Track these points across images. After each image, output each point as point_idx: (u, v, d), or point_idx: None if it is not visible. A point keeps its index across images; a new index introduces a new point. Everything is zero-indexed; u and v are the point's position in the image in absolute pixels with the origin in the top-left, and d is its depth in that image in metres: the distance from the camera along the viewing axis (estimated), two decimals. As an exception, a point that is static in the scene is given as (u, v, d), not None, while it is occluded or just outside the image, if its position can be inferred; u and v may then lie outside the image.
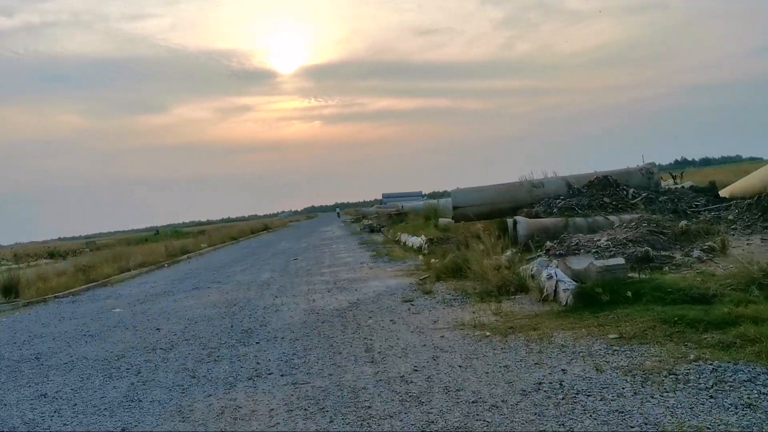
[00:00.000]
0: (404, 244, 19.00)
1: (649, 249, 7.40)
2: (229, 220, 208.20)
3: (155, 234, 67.62)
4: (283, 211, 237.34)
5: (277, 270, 15.59)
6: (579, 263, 7.12)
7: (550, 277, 7.00)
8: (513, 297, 7.71)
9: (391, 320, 7.27)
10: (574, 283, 6.63)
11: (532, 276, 8.16)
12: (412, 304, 8.15)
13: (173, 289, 13.44)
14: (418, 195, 60.05)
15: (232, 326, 8.05)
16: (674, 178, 22.01)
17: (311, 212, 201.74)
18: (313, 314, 8.33)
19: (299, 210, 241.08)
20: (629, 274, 6.71)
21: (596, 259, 7.37)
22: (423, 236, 17.40)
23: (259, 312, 8.98)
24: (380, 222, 33.63)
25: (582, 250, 8.02)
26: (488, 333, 5.97)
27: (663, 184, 22.57)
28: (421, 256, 14.57)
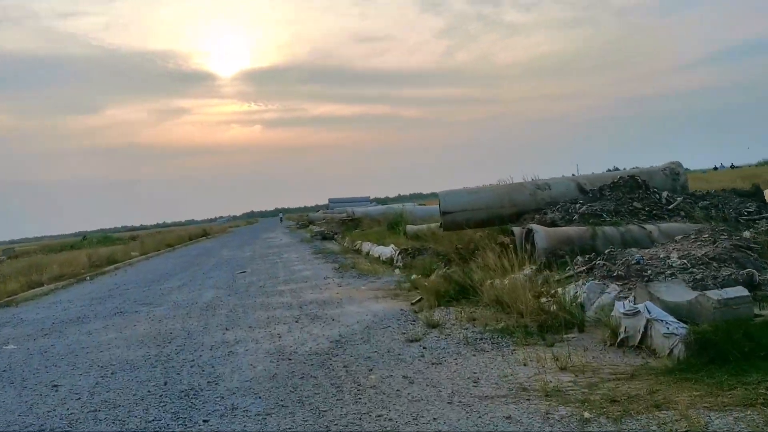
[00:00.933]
0: (369, 254, 16.70)
1: (754, 272, 5.40)
2: (164, 225, 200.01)
3: (83, 240, 62.59)
4: (222, 216, 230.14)
5: (222, 286, 12.98)
6: (673, 292, 5.03)
7: (634, 313, 4.88)
8: (564, 337, 5.55)
9: (404, 377, 4.97)
10: (681, 324, 4.52)
11: (581, 305, 6.05)
12: (424, 347, 5.86)
13: (90, 314, 10.65)
14: (366, 200, 57.81)
15: (165, 383, 5.53)
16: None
17: (251, 217, 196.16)
18: (283, 361, 5.92)
19: (238, 215, 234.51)
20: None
21: (688, 284, 5.31)
22: (392, 246, 15.17)
23: (204, 356, 6.48)
24: (332, 228, 31.18)
25: (649, 271, 5.95)
26: (586, 413, 3.75)
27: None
28: (397, 271, 12.31)
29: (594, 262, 6.96)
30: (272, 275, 14.25)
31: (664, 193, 9.01)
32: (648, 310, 4.74)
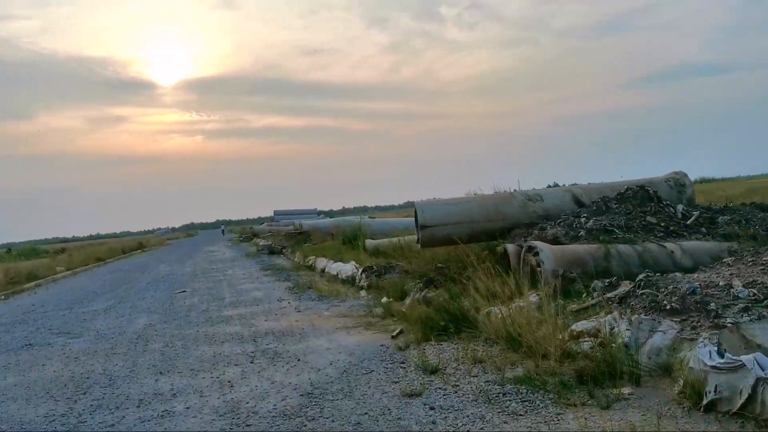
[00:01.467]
0: (325, 271, 15.12)
1: None
2: (98, 236, 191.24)
3: (7, 252, 58.10)
4: (160, 228, 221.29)
5: (158, 310, 11.14)
6: (777, 337, 3.75)
7: (733, 368, 3.56)
8: (618, 393, 4.20)
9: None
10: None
11: (625, 346, 4.73)
12: (431, 407, 4.38)
13: (-9, 347, 8.66)
14: (313, 212, 55.94)
15: (68, 471, 3.86)
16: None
17: (191, 229, 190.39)
18: (238, 429, 4.33)
19: (177, 227, 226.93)
20: None
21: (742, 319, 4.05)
22: (353, 263, 13.65)
23: (129, 418, 4.79)
24: (279, 242, 29.35)
25: (713, 304, 4.70)
26: None
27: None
28: (363, 292, 10.82)
29: (623, 288, 5.68)
30: (217, 296, 12.47)
31: (680, 207, 7.90)
32: (759, 365, 3.43)
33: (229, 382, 5.58)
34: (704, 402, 3.72)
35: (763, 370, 3.41)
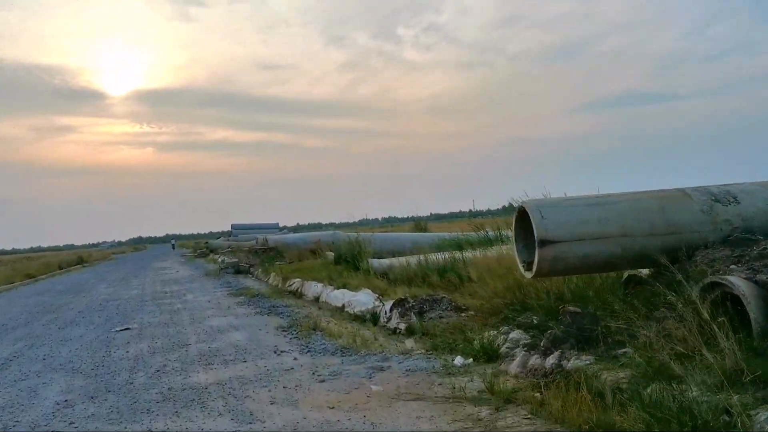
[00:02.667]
0: (321, 301, 11.32)
1: None
2: (39, 249, 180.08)
3: (-72, 265, 51.46)
4: (105, 242, 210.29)
5: (83, 367, 7.11)
6: None
7: None
8: None
9: None
10: None
11: None
12: None
13: None
14: (275, 227, 51.63)
15: None
16: None
17: (139, 243, 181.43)
18: None
19: (124, 240, 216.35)
20: None
21: None
22: (366, 290, 9.90)
23: None
24: (244, 259, 25.19)
25: None
26: None
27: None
28: (409, 342, 7.08)
29: None
30: (176, 339, 8.49)
31: None
32: None
33: None
34: None
35: None
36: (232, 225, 51.33)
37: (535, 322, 6.18)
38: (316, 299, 11.76)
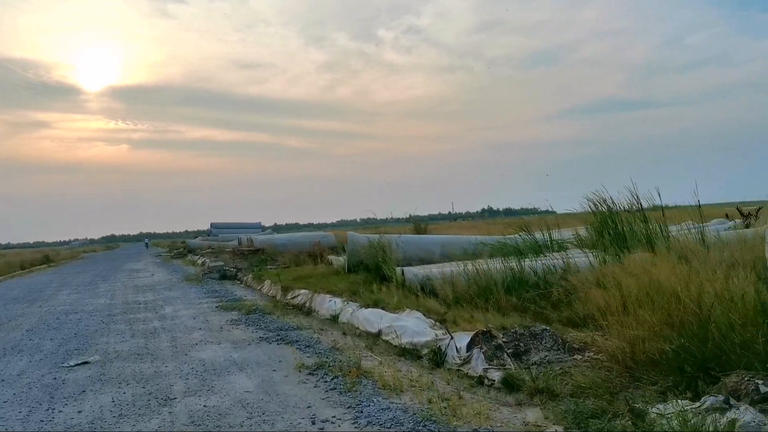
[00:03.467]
0: (340, 322, 8.74)
1: None
2: (8, 246, 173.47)
3: None
4: (77, 239, 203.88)
5: (7, 440, 4.44)
6: None
7: None
8: None
9: None
10: None
11: None
12: None
13: None
14: (257, 226, 48.73)
15: None
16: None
17: (112, 242, 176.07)
18: None
19: (96, 239, 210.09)
20: None
21: None
22: (418, 314, 7.33)
23: None
24: (229, 262, 22.39)
25: None
26: None
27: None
28: (535, 414, 4.51)
29: None
30: (155, 387, 5.82)
31: None
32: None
33: None
34: None
35: None
36: (211, 224, 48.31)
37: (762, 389, 3.70)
38: (334, 319, 9.16)
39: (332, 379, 5.63)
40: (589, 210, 8.91)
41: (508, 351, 5.43)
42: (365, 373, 5.73)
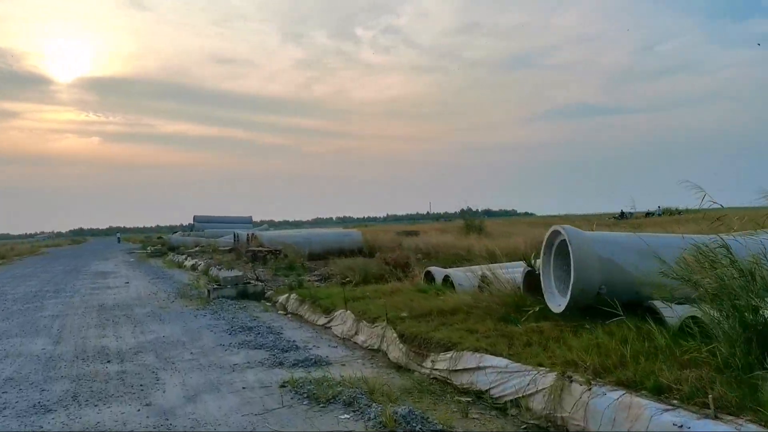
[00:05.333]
0: None
1: None
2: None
3: None
4: (43, 232, 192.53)
5: None
6: None
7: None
8: None
9: None
10: None
11: None
12: None
13: None
14: (247, 221, 41.89)
15: None
16: None
17: (80, 235, 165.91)
18: None
19: (64, 232, 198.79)
20: None
21: None
22: None
23: None
24: (234, 265, 15.73)
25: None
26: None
27: None
28: None
29: None
30: None
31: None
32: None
33: None
34: None
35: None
36: (194, 217, 41.25)
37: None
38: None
39: None
40: None
41: None
42: None
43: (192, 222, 41.55)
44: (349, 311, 7.85)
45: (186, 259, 23.51)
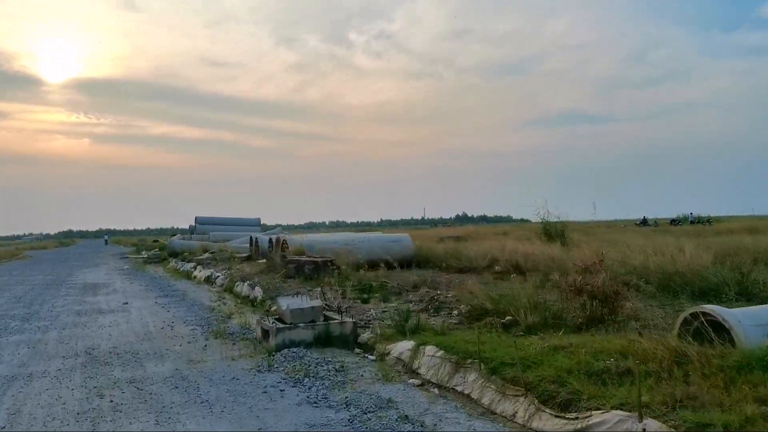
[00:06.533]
0: None
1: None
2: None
3: None
4: (31, 234, 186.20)
5: None
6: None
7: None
8: None
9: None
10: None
11: None
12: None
13: None
14: (255, 222, 37.29)
15: None
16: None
17: (68, 237, 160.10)
18: None
19: (53, 234, 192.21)
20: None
21: None
22: None
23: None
24: (267, 276, 11.29)
25: None
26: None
27: None
28: None
29: None
30: None
31: None
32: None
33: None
34: None
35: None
36: (196, 218, 36.56)
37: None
38: None
39: None
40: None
41: None
42: None
43: (193, 224, 36.89)
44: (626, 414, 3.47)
45: (196, 268, 18.99)
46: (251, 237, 22.23)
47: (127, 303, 11.95)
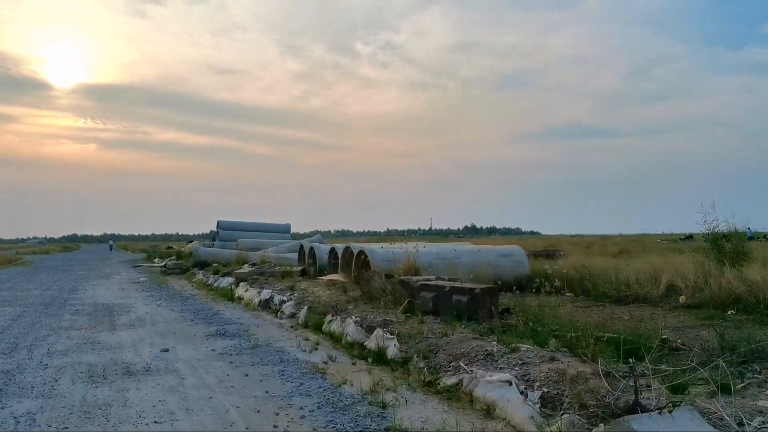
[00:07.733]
0: None
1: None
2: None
3: None
4: (36, 237, 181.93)
5: None
6: None
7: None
8: None
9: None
10: None
11: None
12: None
13: None
14: (285, 229, 32.78)
15: None
16: None
17: (73, 241, 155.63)
18: None
19: (57, 237, 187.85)
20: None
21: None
22: None
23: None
24: (337, 301, 6.80)
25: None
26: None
27: None
28: None
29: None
30: None
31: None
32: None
33: None
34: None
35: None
36: (218, 222, 31.99)
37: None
38: None
39: None
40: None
41: None
42: None
43: (215, 229, 32.34)
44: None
45: (238, 285, 14.46)
46: (301, 246, 17.72)
47: (167, 351, 7.43)
